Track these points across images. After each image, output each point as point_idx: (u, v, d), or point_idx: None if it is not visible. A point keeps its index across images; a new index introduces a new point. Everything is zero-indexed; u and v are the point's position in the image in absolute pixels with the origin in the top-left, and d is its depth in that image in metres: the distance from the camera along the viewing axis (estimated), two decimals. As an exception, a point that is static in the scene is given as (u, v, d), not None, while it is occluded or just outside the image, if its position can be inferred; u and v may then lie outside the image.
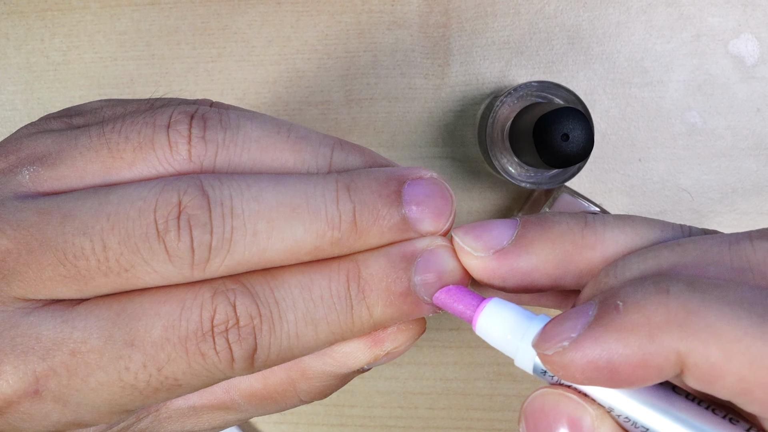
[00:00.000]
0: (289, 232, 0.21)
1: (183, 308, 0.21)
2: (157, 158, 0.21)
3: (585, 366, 0.18)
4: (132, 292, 0.21)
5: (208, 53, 0.43)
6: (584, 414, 0.19)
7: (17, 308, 0.21)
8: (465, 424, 0.45)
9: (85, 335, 0.21)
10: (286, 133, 0.23)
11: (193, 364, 0.21)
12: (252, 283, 0.21)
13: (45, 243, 0.20)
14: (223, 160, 0.22)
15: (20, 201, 0.21)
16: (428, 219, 0.22)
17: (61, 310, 0.21)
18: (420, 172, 0.23)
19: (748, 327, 0.17)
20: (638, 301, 0.18)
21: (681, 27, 0.43)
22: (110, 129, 0.22)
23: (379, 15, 0.43)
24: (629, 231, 0.21)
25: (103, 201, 0.21)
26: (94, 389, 0.21)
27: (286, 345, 0.21)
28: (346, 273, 0.22)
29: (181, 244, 0.20)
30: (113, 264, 0.20)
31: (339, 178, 0.22)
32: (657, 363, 0.17)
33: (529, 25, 0.43)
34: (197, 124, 0.22)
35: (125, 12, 0.43)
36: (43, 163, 0.22)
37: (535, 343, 0.19)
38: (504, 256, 0.22)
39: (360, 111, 0.43)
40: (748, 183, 0.43)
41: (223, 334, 0.21)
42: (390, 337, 0.23)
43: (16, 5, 0.43)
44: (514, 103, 0.38)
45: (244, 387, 0.25)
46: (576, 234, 0.21)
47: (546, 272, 0.21)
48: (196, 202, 0.20)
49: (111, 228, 0.20)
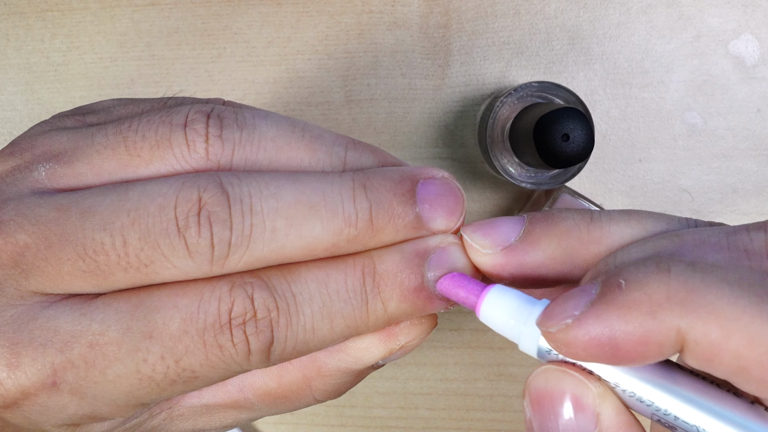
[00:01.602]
0: (307, 230, 0.21)
1: (201, 301, 0.21)
2: (175, 156, 0.22)
3: (587, 343, 0.18)
4: (150, 286, 0.21)
5: (209, 54, 0.43)
6: (586, 391, 0.19)
7: (35, 302, 0.21)
8: (465, 425, 0.45)
9: (103, 327, 0.21)
10: (300, 132, 0.23)
11: (210, 356, 0.21)
12: (269, 277, 0.21)
13: (64, 238, 0.21)
14: (240, 159, 0.22)
15: (38, 197, 0.22)
16: (440, 217, 0.23)
17: (80, 303, 0.21)
18: (432, 172, 0.23)
19: (747, 306, 0.17)
20: (640, 279, 0.18)
21: (681, 27, 0.43)
22: (127, 127, 0.22)
23: (379, 16, 0.43)
24: (635, 225, 0.21)
25: (122, 197, 0.21)
26: (111, 381, 0.21)
27: (302, 338, 0.22)
28: (362, 268, 0.22)
29: (201, 240, 0.20)
30: (133, 259, 0.21)
31: (355, 177, 0.22)
32: (658, 340, 0.18)
33: (530, 26, 0.43)
34: (214, 123, 0.22)
35: (125, 13, 0.43)
36: (59, 161, 0.22)
37: (539, 321, 0.19)
38: (512, 253, 0.22)
39: (360, 111, 0.43)
40: (748, 183, 0.43)
41: (240, 327, 0.21)
42: (404, 331, 0.24)
43: (17, 6, 0.43)
44: (514, 104, 0.38)
45: (258, 386, 0.25)
46: (582, 229, 0.22)
47: (553, 267, 0.22)
48: (216, 199, 0.21)
49: (131, 224, 0.20)
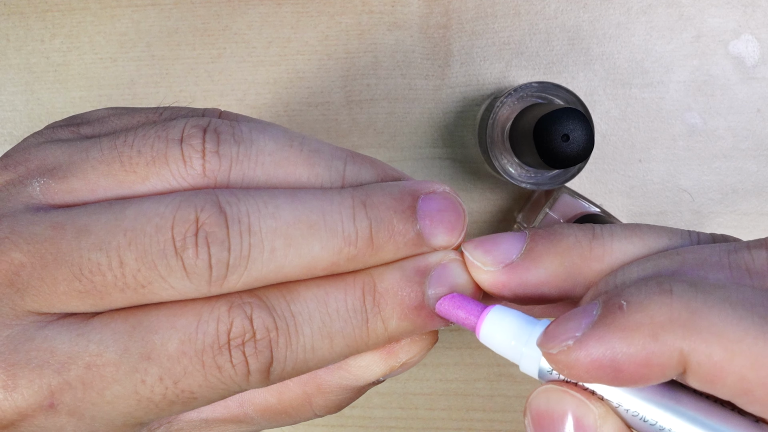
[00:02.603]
0: (306, 249, 0.21)
1: (199, 322, 0.21)
2: (171, 173, 0.21)
3: (589, 365, 0.18)
4: (147, 305, 0.21)
5: (209, 54, 0.43)
6: (588, 412, 0.19)
7: (31, 322, 0.21)
8: (465, 425, 0.45)
9: (100, 348, 0.21)
10: (299, 147, 0.22)
11: (209, 377, 0.21)
12: (268, 297, 0.21)
13: (60, 257, 0.20)
14: (237, 175, 0.22)
15: (32, 214, 0.21)
16: (441, 234, 0.23)
17: (76, 323, 0.21)
18: (433, 186, 0.23)
19: (749, 327, 0.17)
20: (642, 301, 0.18)
21: (681, 28, 0.43)
22: (122, 142, 0.22)
23: (379, 16, 0.43)
24: (637, 241, 0.21)
25: (118, 216, 0.21)
26: (109, 402, 0.21)
27: (302, 358, 0.22)
28: (362, 287, 0.22)
29: (199, 262, 0.20)
30: (130, 280, 0.20)
31: (355, 194, 0.22)
32: (660, 362, 0.17)
33: (530, 26, 0.43)
34: (211, 138, 0.22)
35: (125, 13, 0.43)
36: (53, 175, 0.22)
37: (540, 342, 0.19)
38: (513, 270, 0.22)
39: (360, 112, 0.43)
40: (748, 184, 0.43)
41: (239, 347, 0.21)
42: (404, 348, 0.24)
43: (17, 6, 0.43)
44: (514, 104, 0.38)
45: (258, 401, 0.25)
46: (584, 246, 0.21)
47: (555, 285, 0.22)
48: (213, 219, 0.20)
49: (128, 244, 0.20)
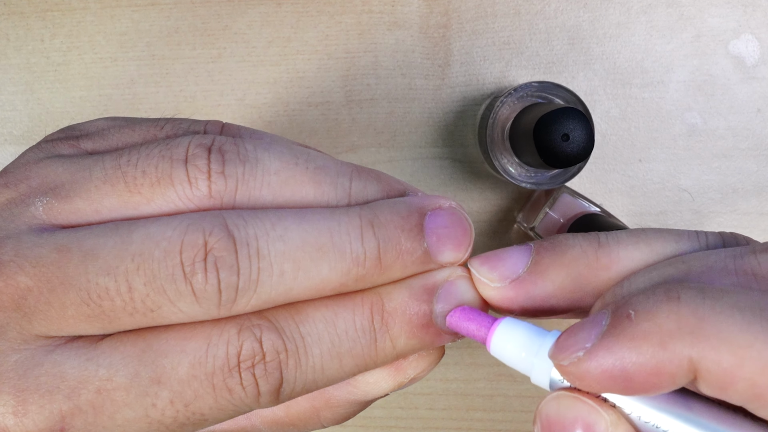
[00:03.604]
0: (315, 272, 0.21)
1: (209, 345, 0.21)
2: (177, 194, 0.21)
3: (600, 375, 0.18)
4: (156, 328, 0.21)
5: (209, 54, 0.43)
6: (599, 419, 0.19)
7: (39, 346, 0.21)
8: (465, 425, 0.45)
9: (110, 373, 0.21)
10: (304, 164, 0.22)
11: (219, 399, 0.21)
12: (277, 318, 0.21)
13: (67, 282, 0.20)
14: (243, 195, 0.22)
15: (37, 235, 0.21)
16: (448, 250, 0.23)
17: (85, 347, 0.21)
18: (439, 202, 0.23)
19: (759, 332, 0.17)
20: (650, 310, 0.18)
21: (681, 27, 0.43)
22: (126, 161, 0.22)
23: (379, 16, 0.43)
24: (643, 247, 0.21)
25: (125, 240, 0.20)
26: (120, 426, 0.21)
27: (312, 378, 0.22)
28: (370, 306, 0.22)
29: (209, 287, 0.20)
30: (139, 305, 0.20)
31: (362, 213, 0.22)
32: (670, 370, 0.17)
33: (530, 26, 0.43)
34: (216, 159, 0.21)
35: (125, 13, 0.43)
36: (56, 195, 0.22)
37: (551, 353, 0.19)
38: (520, 285, 0.22)
39: (360, 112, 0.43)
40: (748, 183, 0.43)
41: (249, 370, 0.21)
42: (412, 364, 0.24)
43: (17, 6, 0.43)
44: (514, 104, 0.38)
45: (266, 414, 0.25)
46: (590, 256, 0.21)
47: (564, 296, 0.22)
48: (222, 243, 0.20)
49: (136, 269, 0.20)
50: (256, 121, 0.44)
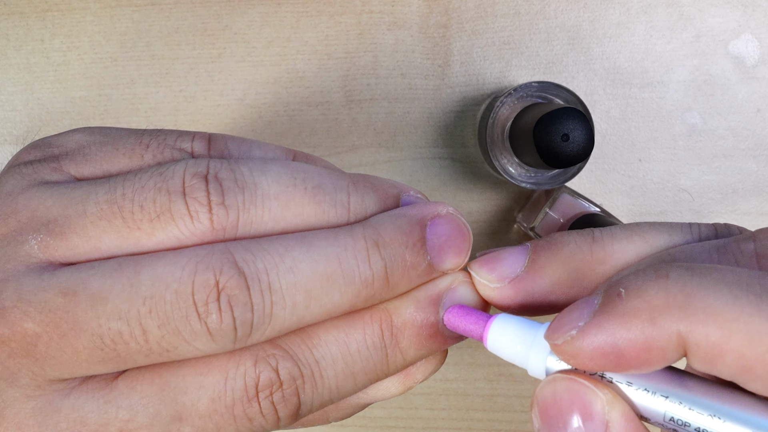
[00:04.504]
0: (327, 299, 0.21)
1: (227, 378, 0.21)
2: (179, 228, 0.21)
3: (592, 352, 0.18)
4: (171, 363, 0.21)
5: (209, 54, 0.43)
6: (595, 398, 0.19)
7: (54, 390, 0.21)
8: (465, 425, 0.45)
9: (131, 414, 0.21)
10: (302, 185, 0.22)
11: (240, 428, 0.21)
12: (291, 346, 0.22)
13: (78, 327, 0.20)
14: (246, 223, 0.22)
15: (37, 277, 0.21)
16: (450, 258, 0.23)
17: (101, 388, 0.21)
18: (437, 209, 0.23)
19: (745, 305, 0.17)
20: (639, 287, 0.18)
21: (681, 27, 0.43)
22: (121, 195, 0.21)
23: (379, 16, 0.43)
24: (637, 240, 0.22)
25: (134, 282, 0.20)
26: None
27: (328, 398, 0.22)
28: (380, 323, 0.23)
29: (224, 325, 0.20)
30: (154, 346, 0.20)
31: (366, 234, 0.22)
32: (660, 345, 0.18)
33: (530, 26, 0.43)
34: (215, 189, 0.21)
35: (125, 13, 0.43)
36: (50, 232, 0.21)
37: (546, 334, 0.20)
38: (519, 284, 0.22)
39: (360, 111, 0.43)
40: (748, 183, 0.43)
41: (268, 398, 0.21)
42: (420, 369, 0.25)
43: (16, 6, 0.43)
44: (514, 104, 0.38)
45: None
46: (585, 251, 0.22)
47: (562, 292, 0.22)
48: (233, 282, 0.20)
49: (148, 312, 0.20)
50: (256, 121, 0.44)
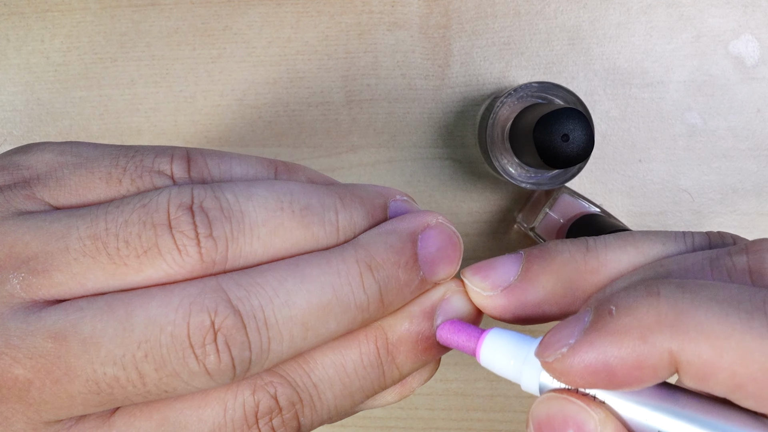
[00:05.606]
0: (323, 329, 0.21)
1: (226, 410, 0.21)
2: (167, 263, 0.20)
3: (583, 370, 0.18)
4: (168, 398, 0.21)
5: (209, 54, 0.43)
6: (588, 418, 0.19)
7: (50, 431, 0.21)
8: (465, 425, 0.45)
9: None
10: (290, 208, 0.22)
11: None
12: (288, 372, 0.22)
13: (71, 373, 0.20)
14: (235, 253, 0.21)
15: (23, 320, 0.20)
16: (442, 269, 0.23)
17: (98, 426, 0.21)
18: (426, 220, 0.23)
19: (736, 323, 0.17)
20: (630, 305, 0.18)
21: (681, 28, 0.43)
22: (104, 230, 0.20)
23: (379, 16, 0.43)
24: (631, 249, 0.22)
25: (126, 325, 0.20)
26: None
27: (327, 417, 0.23)
28: (375, 341, 0.23)
29: (222, 365, 0.20)
30: (152, 388, 0.20)
31: (358, 257, 0.22)
32: (651, 363, 0.18)
33: (530, 26, 0.43)
34: (201, 221, 0.20)
35: (125, 13, 0.43)
36: (32, 270, 0.20)
37: (537, 351, 0.20)
38: (512, 293, 0.22)
39: (360, 112, 0.43)
40: (748, 184, 0.43)
41: (268, 424, 0.21)
42: (416, 378, 0.25)
43: (17, 6, 0.43)
44: (514, 104, 0.38)
45: None
46: (579, 261, 0.22)
47: (555, 302, 0.22)
48: (230, 321, 0.20)
49: (144, 356, 0.20)
50: (256, 121, 0.44)
